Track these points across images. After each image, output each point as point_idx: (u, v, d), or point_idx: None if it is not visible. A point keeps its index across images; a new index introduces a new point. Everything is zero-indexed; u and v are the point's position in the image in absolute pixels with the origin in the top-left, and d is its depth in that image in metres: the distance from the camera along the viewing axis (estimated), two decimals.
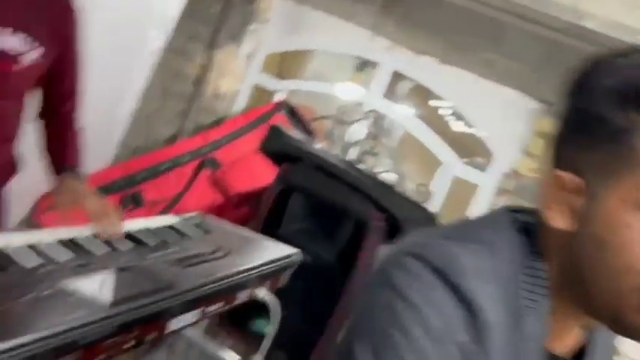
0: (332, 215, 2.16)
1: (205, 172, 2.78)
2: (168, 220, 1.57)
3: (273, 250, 1.53)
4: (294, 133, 2.36)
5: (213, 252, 1.39)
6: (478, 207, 2.59)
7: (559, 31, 2.16)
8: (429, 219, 2.11)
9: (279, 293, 1.49)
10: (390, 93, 2.85)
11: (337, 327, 2.14)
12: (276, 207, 2.18)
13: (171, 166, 2.72)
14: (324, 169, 2.14)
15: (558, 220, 0.55)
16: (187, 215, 1.68)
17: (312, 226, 2.19)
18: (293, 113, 2.88)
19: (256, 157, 2.82)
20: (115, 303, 0.93)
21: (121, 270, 1.09)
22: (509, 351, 0.53)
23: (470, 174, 2.64)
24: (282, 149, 2.20)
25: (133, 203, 2.57)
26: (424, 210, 2.09)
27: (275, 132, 2.25)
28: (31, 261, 1.02)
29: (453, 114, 3.10)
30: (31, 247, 1.09)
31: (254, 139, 2.87)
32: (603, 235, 0.51)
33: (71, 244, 1.17)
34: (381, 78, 2.79)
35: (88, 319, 0.87)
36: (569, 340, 0.60)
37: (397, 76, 2.79)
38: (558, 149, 0.57)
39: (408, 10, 2.32)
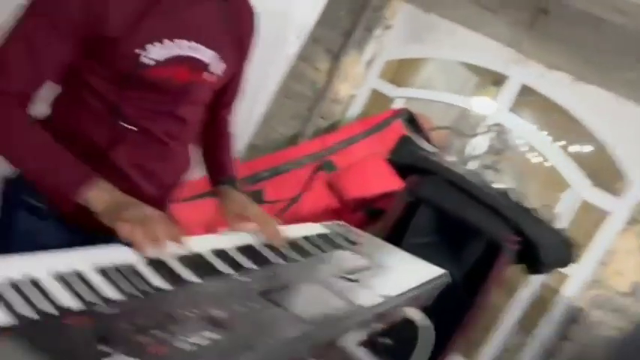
0: (461, 232, 2.11)
1: (322, 175, 2.81)
2: (318, 228, 1.58)
3: (425, 271, 1.51)
4: (424, 145, 2.32)
5: (368, 268, 1.38)
6: (606, 236, 2.45)
7: None
8: (567, 246, 2.01)
9: None
10: (518, 107, 2.74)
11: (459, 346, 2.10)
12: (402, 218, 2.16)
13: (290, 167, 2.77)
14: (456, 184, 2.09)
15: None
16: (330, 223, 1.68)
17: (438, 242, 2.14)
18: (412, 122, 2.84)
19: (371, 163, 2.82)
20: (315, 321, 0.94)
21: (309, 284, 1.11)
22: None
23: (600, 199, 2.50)
24: (413, 161, 2.17)
25: (254, 200, 2.64)
26: (563, 236, 2.00)
27: (405, 142, 2.23)
28: (224, 267, 1.05)
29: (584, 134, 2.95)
30: (216, 253, 1.13)
31: (370, 144, 2.87)
32: None
33: (248, 251, 1.19)
34: (508, 91, 2.69)
35: (293, 335, 0.88)
36: None
37: (526, 91, 2.69)
38: None
39: (551, 23, 2.21)
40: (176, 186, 1.40)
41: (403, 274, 1.41)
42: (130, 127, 1.17)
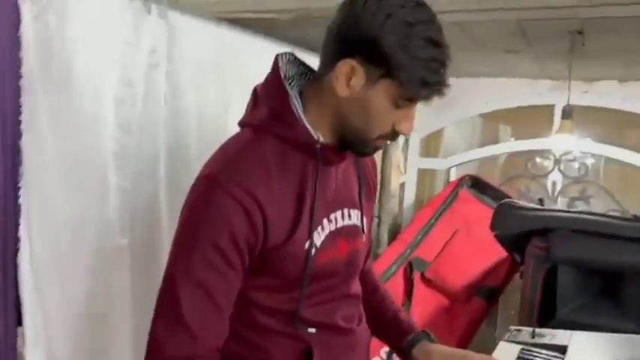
0: (614, 278, 1.92)
1: (416, 275, 2.62)
2: (508, 349, 1.38)
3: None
4: (524, 203, 2.17)
5: None
6: None
7: None
8: None
9: None
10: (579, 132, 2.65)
11: None
12: (545, 290, 1.96)
13: (383, 280, 2.58)
14: (585, 230, 1.93)
15: None
16: (516, 335, 1.48)
17: (594, 298, 1.94)
18: (477, 184, 2.73)
19: (459, 244, 2.66)
20: None
21: None
22: None
23: None
24: (524, 225, 2.01)
25: None
26: None
27: (506, 209, 2.08)
28: None
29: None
30: None
31: (446, 225, 2.73)
32: None
33: None
34: (557, 119, 2.61)
35: None
36: None
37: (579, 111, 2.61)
38: None
39: (589, 41, 2.18)
40: None
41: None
42: (311, 330, 1.02)
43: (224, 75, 1.54)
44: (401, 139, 2.93)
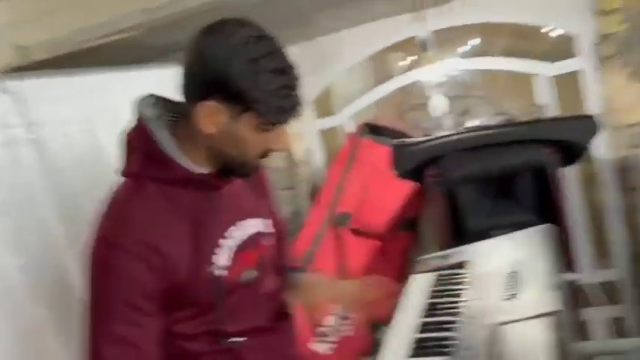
0: (506, 182, 2.12)
1: (344, 230, 2.76)
2: (425, 278, 1.53)
3: (536, 239, 1.49)
4: (413, 139, 2.32)
5: (507, 271, 1.35)
6: (591, 88, 2.55)
7: None
8: (587, 120, 2.08)
9: None
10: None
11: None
12: (451, 211, 2.14)
13: (314, 245, 2.71)
14: (466, 147, 2.11)
15: None
16: (423, 266, 1.63)
17: (495, 205, 2.14)
18: (375, 129, 2.86)
19: (370, 188, 2.81)
20: None
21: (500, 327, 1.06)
22: None
23: (564, 67, 2.60)
24: (418, 159, 2.17)
25: None
26: (576, 116, 2.06)
27: (399, 150, 2.23)
28: None
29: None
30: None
31: (358, 175, 2.85)
32: None
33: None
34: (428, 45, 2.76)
35: None
36: None
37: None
38: None
39: None
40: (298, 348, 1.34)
41: (531, 256, 1.39)
42: (237, 340, 1.11)
43: (95, 122, 1.54)
44: None
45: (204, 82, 0.96)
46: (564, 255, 2.07)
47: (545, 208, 2.08)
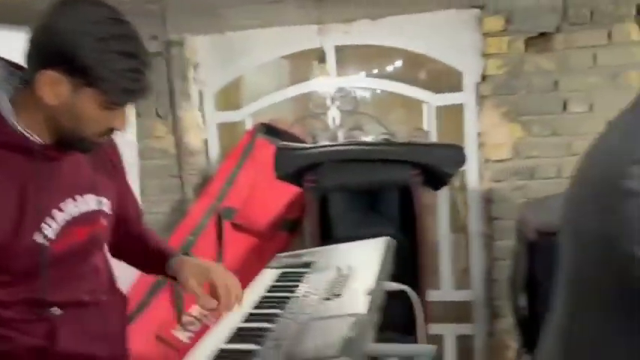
0: (375, 196, 2.27)
1: (226, 224, 2.81)
2: (268, 273, 1.62)
3: (376, 247, 1.62)
4: (298, 143, 2.42)
5: (338, 277, 1.46)
6: (471, 123, 2.78)
7: None
8: (455, 149, 2.27)
9: None
10: (343, 67, 2.95)
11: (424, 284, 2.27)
12: (322, 216, 2.26)
13: (196, 234, 2.74)
14: (343, 159, 2.24)
15: None
16: (276, 262, 1.73)
17: (363, 216, 2.28)
18: (270, 130, 2.94)
19: (260, 186, 2.88)
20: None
21: (307, 326, 1.16)
22: None
23: (449, 99, 2.81)
24: (297, 164, 2.27)
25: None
26: (446, 144, 2.24)
27: (281, 153, 2.32)
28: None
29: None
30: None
31: (249, 172, 2.92)
32: None
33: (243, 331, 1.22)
34: (329, 59, 2.89)
35: None
36: None
37: (342, 50, 2.90)
38: None
39: None
40: (126, 328, 1.37)
41: (364, 263, 1.52)
42: (55, 311, 1.13)
43: None
44: (195, 97, 3.05)
45: (50, 52, 0.98)
46: (419, 269, 2.26)
47: (408, 225, 2.25)
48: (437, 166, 2.21)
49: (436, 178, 2.28)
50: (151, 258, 1.38)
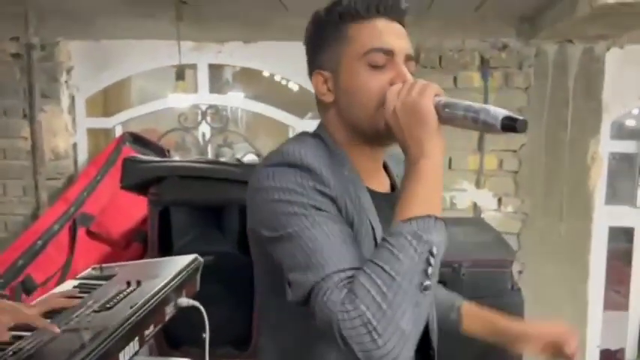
0: (216, 213, 2.33)
1: (81, 230, 2.78)
2: (69, 284, 1.65)
3: (176, 264, 1.68)
4: (148, 156, 2.45)
5: (128, 286, 1.51)
6: None
7: None
8: None
9: (207, 300, 1.64)
10: (217, 85, 3.02)
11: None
12: (163, 229, 2.30)
13: (45, 240, 2.69)
14: (187, 175, 2.29)
15: (328, 97, 0.96)
16: (84, 273, 1.76)
17: (204, 231, 2.34)
18: (137, 140, 2.95)
19: (122, 195, 2.88)
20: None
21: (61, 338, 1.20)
22: (343, 187, 0.87)
23: (314, 125, 2.93)
24: (142, 176, 2.30)
25: (25, 290, 2.53)
26: None
27: (128, 164, 2.34)
28: None
29: (283, 79, 3.36)
30: None
31: (112, 179, 2.91)
32: (348, 88, 0.92)
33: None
34: (201, 76, 2.95)
35: None
36: (380, 179, 0.99)
37: (216, 68, 2.97)
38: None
39: (200, 10, 2.49)
40: None
41: (156, 278, 1.57)
42: None
43: None
44: (66, 101, 3.01)
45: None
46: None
47: (247, 243, 2.32)
48: None
49: None
50: None
